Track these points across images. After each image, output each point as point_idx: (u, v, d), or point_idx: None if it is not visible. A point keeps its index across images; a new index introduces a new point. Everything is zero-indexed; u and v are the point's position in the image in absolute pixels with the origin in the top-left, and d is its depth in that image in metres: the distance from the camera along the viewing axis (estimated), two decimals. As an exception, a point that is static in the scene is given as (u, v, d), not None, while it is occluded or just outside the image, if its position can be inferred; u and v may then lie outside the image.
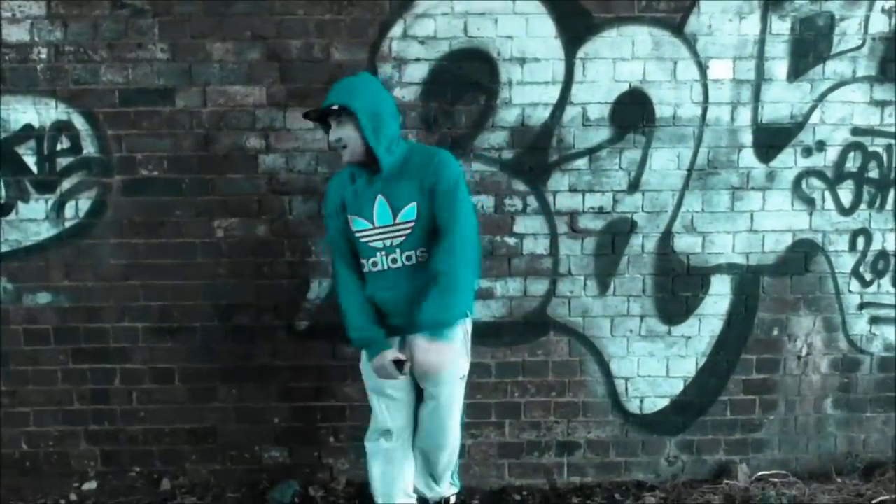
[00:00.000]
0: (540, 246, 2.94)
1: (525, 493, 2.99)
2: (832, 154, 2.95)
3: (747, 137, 2.92)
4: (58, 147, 2.81)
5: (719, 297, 3.00)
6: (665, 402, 3.05)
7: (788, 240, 2.99)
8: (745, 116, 2.91)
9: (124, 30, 2.77)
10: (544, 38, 2.82)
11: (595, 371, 3.01)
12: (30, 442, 2.96)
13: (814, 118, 2.92)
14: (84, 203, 2.84)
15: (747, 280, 2.99)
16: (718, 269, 2.98)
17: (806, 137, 2.93)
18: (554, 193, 2.91)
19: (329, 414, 2.98)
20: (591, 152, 2.89)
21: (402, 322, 2.17)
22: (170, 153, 2.83)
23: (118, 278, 2.88)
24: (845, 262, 3.01)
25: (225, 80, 2.81)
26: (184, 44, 2.78)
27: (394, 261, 2.19)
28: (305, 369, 2.95)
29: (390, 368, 2.15)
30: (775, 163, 2.94)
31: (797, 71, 2.89)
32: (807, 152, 2.94)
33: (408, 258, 2.19)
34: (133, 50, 2.78)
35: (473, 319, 2.38)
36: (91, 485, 2.96)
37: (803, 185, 2.96)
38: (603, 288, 2.97)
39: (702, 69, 2.87)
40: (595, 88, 2.86)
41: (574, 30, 2.82)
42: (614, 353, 3.01)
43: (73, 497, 2.91)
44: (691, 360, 3.03)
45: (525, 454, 3.04)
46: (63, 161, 2.82)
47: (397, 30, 2.80)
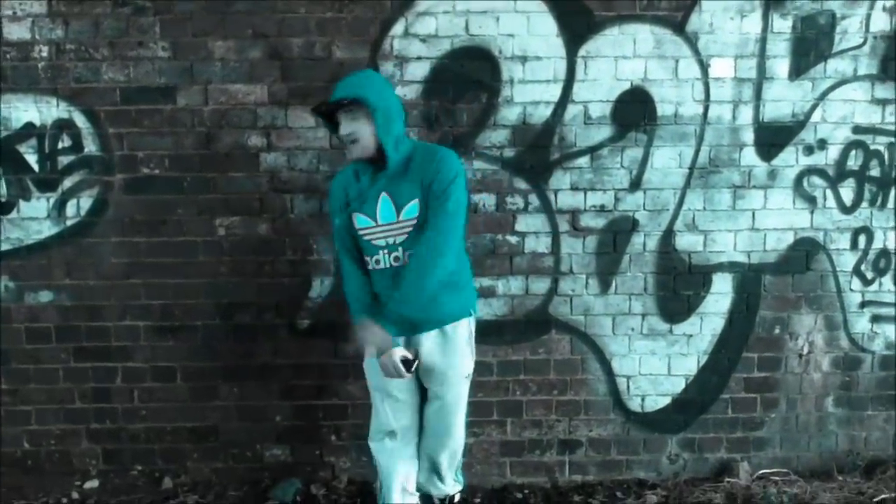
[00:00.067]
0: (541, 244, 2.94)
1: (527, 492, 2.99)
2: (833, 152, 2.95)
3: (749, 136, 2.92)
4: (59, 145, 2.81)
5: (721, 296, 3.00)
6: (666, 401, 3.05)
7: (790, 238, 2.99)
8: (747, 115, 2.91)
9: (125, 28, 2.77)
10: (546, 37, 2.82)
11: (596, 369, 3.01)
12: (31, 440, 2.96)
13: (815, 116, 2.92)
14: (85, 201, 2.85)
15: (749, 278, 3.00)
16: (720, 268, 2.99)
17: (807, 136, 2.93)
18: (555, 192, 2.91)
19: (331, 412, 2.98)
20: (593, 151, 2.89)
21: (405, 318, 2.17)
22: (171, 151, 2.83)
23: (120, 277, 2.88)
24: (846, 261, 3.02)
25: (226, 79, 2.80)
26: (185, 42, 2.78)
27: (396, 259, 2.19)
28: (307, 367, 2.95)
29: (399, 366, 2.15)
30: (777, 161, 2.94)
31: (798, 69, 2.89)
32: (808, 151, 2.94)
33: (410, 256, 2.17)
34: (134, 48, 2.77)
35: (476, 318, 2.38)
36: (93, 483, 2.96)
37: (805, 184, 2.96)
38: (604, 286, 2.97)
39: (703, 67, 2.87)
40: (596, 87, 2.86)
41: (575, 28, 2.82)
42: (616, 352, 3.01)
43: (75, 495, 2.91)
44: (693, 359, 3.03)
45: (526, 452, 3.05)
46: (64, 159, 2.82)
47: (399, 28, 2.80)
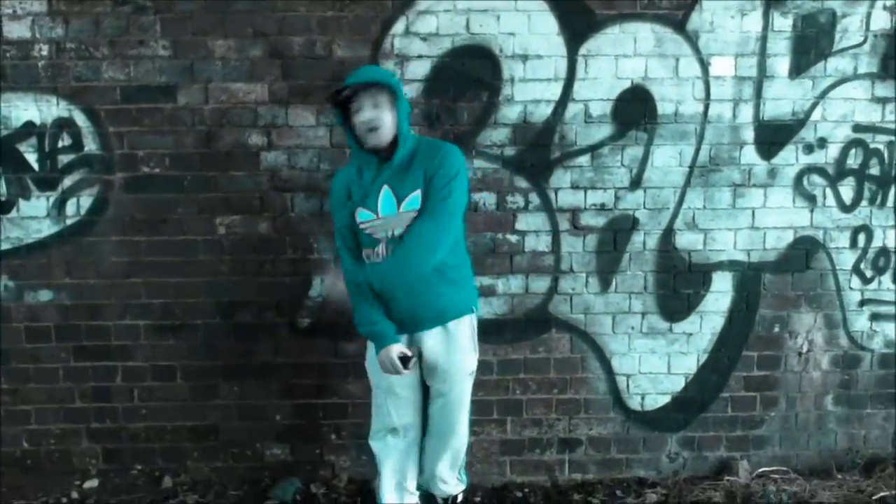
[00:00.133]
0: (542, 243, 2.94)
1: (527, 490, 2.99)
2: (833, 151, 2.95)
3: (749, 134, 2.92)
4: (59, 144, 2.81)
5: (720, 294, 3.00)
6: (666, 399, 3.05)
7: (790, 237, 2.99)
8: (747, 113, 2.91)
9: (126, 27, 2.76)
10: (546, 35, 2.82)
11: (596, 368, 3.02)
12: (31, 440, 2.96)
13: (815, 115, 2.92)
14: (85, 200, 2.84)
15: (748, 277, 3.00)
16: (720, 266, 2.99)
17: (807, 134, 2.93)
18: (556, 190, 2.91)
19: (331, 411, 2.98)
20: (593, 149, 2.89)
21: (405, 314, 2.19)
22: (171, 150, 2.83)
23: (120, 276, 2.87)
24: (846, 259, 3.02)
25: (227, 77, 2.80)
26: (185, 41, 2.78)
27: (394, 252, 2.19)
28: (307, 366, 2.95)
29: (396, 363, 2.15)
30: (777, 160, 2.94)
31: (799, 68, 2.90)
32: (808, 149, 2.95)
33: (405, 234, 2.17)
34: (134, 47, 2.77)
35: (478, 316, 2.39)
36: (93, 483, 2.95)
37: (804, 182, 2.97)
38: (604, 285, 2.97)
39: (704, 66, 2.87)
40: (597, 85, 2.86)
41: (576, 27, 2.82)
42: (616, 350, 3.01)
43: (75, 495, 2.91)
44: (692, 357, 3.03)
45: (526, 451, 3.05)
46: (64, 158, 2.82)
47: (399, 26, 2.79)
